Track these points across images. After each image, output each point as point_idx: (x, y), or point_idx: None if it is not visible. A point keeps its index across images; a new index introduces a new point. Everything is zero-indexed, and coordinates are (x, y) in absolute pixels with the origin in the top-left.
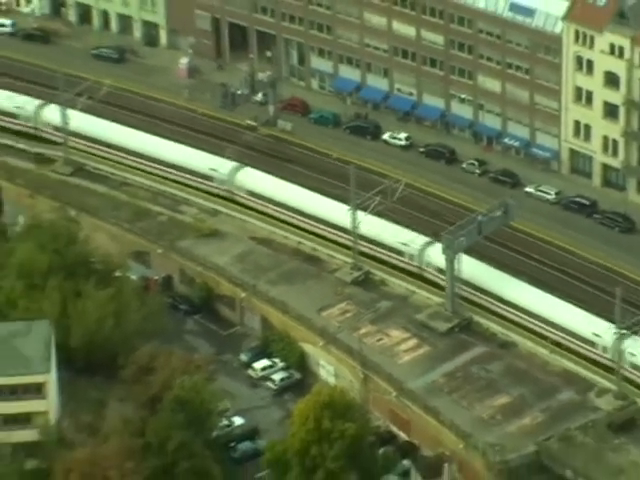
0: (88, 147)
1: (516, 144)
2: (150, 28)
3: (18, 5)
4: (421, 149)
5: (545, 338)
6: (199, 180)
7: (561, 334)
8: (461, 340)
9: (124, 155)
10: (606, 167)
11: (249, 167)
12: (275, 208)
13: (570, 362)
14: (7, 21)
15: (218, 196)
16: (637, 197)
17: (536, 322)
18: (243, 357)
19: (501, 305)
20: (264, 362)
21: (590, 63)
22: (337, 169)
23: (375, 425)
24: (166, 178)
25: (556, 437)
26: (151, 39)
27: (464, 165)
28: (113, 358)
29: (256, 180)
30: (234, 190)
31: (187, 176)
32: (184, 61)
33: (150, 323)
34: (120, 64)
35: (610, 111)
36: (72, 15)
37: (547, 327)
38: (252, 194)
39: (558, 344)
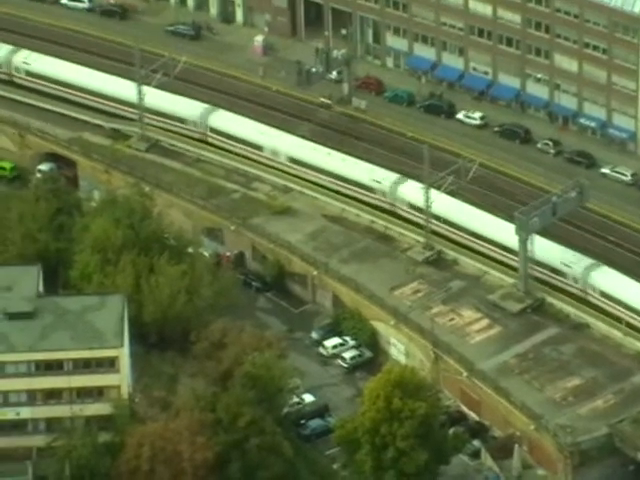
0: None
1: (592, 124)
2: (226, 5)
3: None
4: (496, 129)
5: (619, 320)
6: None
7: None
8: (533, 321)
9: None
10: None
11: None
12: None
13: None
14: None
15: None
16: None
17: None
18: (314, 335)
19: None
20: (335, 340)
21: None
22: (411, 148)
23: (445, 405)
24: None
25: (629, 420)
26: (227, 16)
27: (539, 145)
28: (185, 333)
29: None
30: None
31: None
32: (259, 38)
33: (222, 299)
34: (196, 41)
35: None
36: None
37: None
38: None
39: (632, 326)
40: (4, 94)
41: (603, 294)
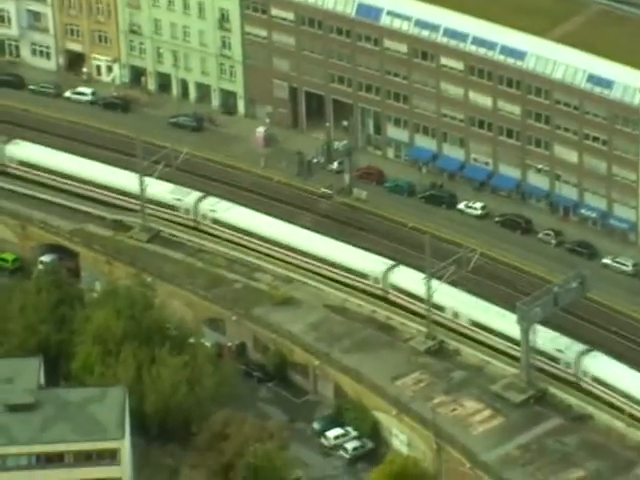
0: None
1: (593, 215)
2: (228, 97)
3: (99, 74)
4: (497, 219)
5: (622, 411)
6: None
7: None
8: (536, 412)
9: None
10: None
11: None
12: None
13: None
14: (87, 89)
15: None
16: None
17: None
18: (316, 425)
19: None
20: (337, 431)
21: None
22: (413, 238)
23: None
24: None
25: None
26: (229, 108)
27: (540, 235)
28: (187, 424)
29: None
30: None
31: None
32: (261, 130)
33: (224, 390)
34: (198, 132)
35: None
36: (152, 84)
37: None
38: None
39: (635, 418)
40: (4, 185)
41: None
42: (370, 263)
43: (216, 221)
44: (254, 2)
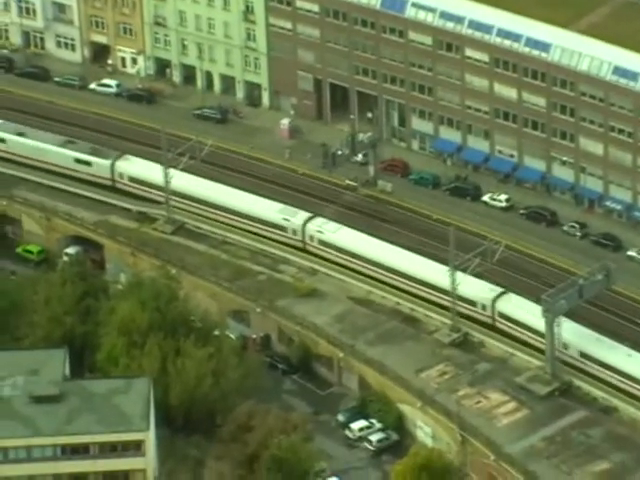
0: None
1: (618, 207)
2: (253, 89)
3: (124, 66)
4: (521, 211)
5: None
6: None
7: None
8: (561, 404)
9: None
10: None
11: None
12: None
13: None
14: (112, 82)
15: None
16: None
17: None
18: (340, 417)
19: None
20: (361, 423)
21: None
22: (437, 230)
23: None
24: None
25: None
26: (253, 100)
27: (565, 227)
28: (211, 416)
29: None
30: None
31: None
32: (285, 121)
33: (248, 382)
34: (222, 124)
35: None
36: (176, 76)
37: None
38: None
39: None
40: (30, 177)
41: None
42: (478, 289)
43: (323, 242)
44: None
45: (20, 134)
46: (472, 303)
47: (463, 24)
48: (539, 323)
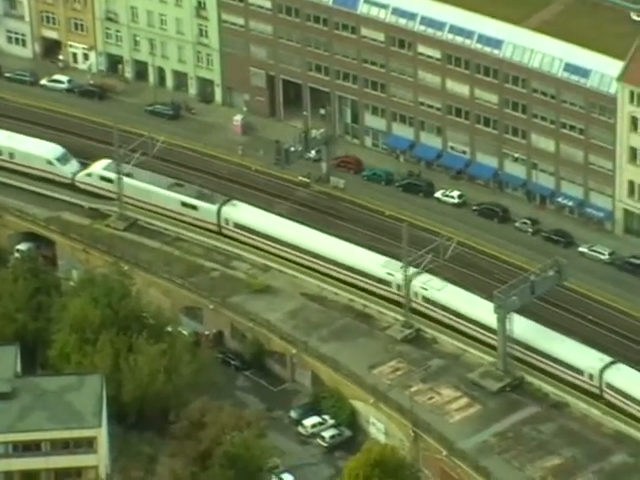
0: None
1: (570, 203)
2: (205, 85)
3: (75, 62)
4: (474, 207)
5: (598, 399)
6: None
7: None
8: (512, 400)
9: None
10: None
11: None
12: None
13: (623, 424)
14: (64, 77)
15: None
16: None
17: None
18: (293, 414)
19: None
20: (314, 419)
21: None
22: (390, 226)
23: None
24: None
25: None
26: (206, 96)
27: (517, 224)
28: (164, 413)
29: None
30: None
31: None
32: (238, 118)
33: (201, 378)
34: (175, 120)
35: None
36: (128, 72)
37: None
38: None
39: (611, 405)
40: None
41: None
42: (586, 358)
43: (427, 300)
44: None
45: (127, 175)
46: (578, 371)
47: (415, 21)
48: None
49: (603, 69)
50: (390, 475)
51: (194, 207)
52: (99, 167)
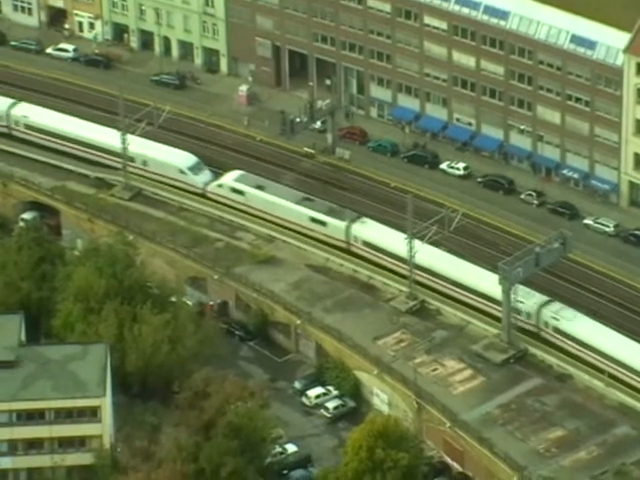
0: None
1: (575, 176)
2: (211, 55)
3: (81, 31)
4: (479, 179)
5: (602, 371)
6: None
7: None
8: (516, 372)
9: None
10: None
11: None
12: None
13: (627, 396)
14: (70, 46)
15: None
16: None
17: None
18: (297, 384)
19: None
20: (318, 390)
21: None
22: (395, 198)
23: (429, 455)
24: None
25: (611, 472)
26: (211, 66)
27: (522, 196)
28: (168, 383)
29: None
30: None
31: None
32: (244, 88)
33: (205, 348)
34: (180, 90)
35: None
36: (134, 41)
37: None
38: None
39: (615, 377)
40: None
41: (556, 330)
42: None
43: (558, 331)
44: None
45: (259, 187)
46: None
47: None
48: None
49: (609, 41)
50: (393, 446)
51: (323, 223)
52: (230, 179)
